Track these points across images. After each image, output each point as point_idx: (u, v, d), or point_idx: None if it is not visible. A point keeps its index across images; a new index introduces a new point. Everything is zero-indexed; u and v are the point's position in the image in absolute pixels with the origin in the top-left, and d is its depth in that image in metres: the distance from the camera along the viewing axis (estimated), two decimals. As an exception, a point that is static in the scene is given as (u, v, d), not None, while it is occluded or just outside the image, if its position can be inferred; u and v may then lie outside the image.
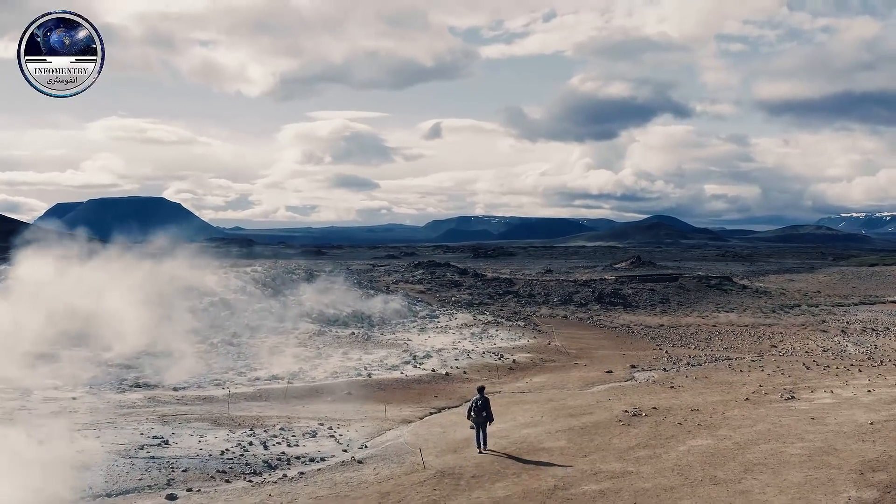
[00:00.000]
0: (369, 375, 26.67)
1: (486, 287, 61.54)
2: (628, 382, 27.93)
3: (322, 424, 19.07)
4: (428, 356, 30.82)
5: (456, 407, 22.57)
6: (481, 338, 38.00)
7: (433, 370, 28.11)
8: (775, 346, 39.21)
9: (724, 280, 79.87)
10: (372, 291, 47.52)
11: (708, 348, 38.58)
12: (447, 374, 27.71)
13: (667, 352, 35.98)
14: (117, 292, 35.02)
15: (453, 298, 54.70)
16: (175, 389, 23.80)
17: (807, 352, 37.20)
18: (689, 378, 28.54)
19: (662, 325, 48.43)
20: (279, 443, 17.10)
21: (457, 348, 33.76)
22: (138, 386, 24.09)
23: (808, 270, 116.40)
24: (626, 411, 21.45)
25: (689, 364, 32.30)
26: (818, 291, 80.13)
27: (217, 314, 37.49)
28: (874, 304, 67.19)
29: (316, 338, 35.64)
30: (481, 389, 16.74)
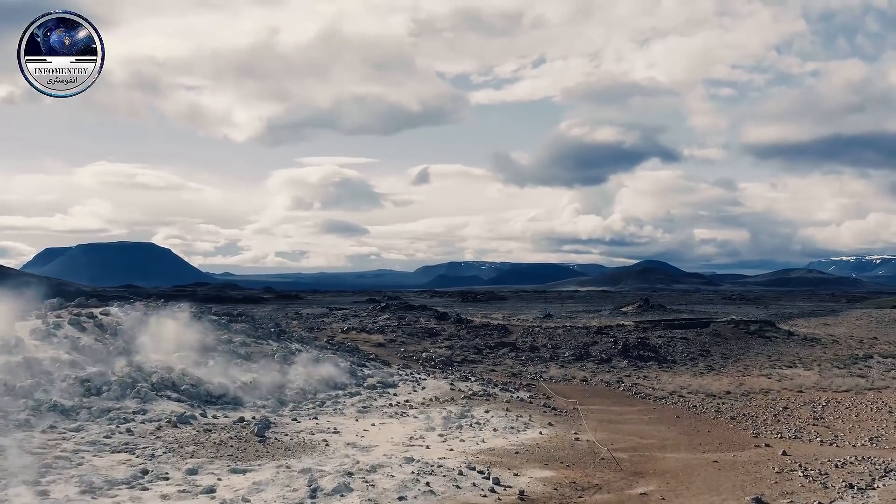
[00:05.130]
0: (178, 564, 11.03)
1: (472, 337, 46.01)
2: (784, 558, 12.52)
3: None
4: (346, 486, 15.11)
5: None
6: (460, 427, 22.35)
7: (345, 533, 12.51)
8: (943, 434, 23.98)
9: (764, 325, 65.47)
10: (297, 346, 31.43)
11: (838, 440, 23.25)
12: (373, 548, 12.10)
13: (784, 452, 20.57)
14: None
15: (424, 354, 39.04)
16: None
17: None
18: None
19: (729, 393, 33.06)
20: None
21: (412, 457, 18.09)
22: None
23: (832, 314, 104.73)
24: None
25: (853, 486, 16.97)
26: (874, 338, 65.97)
27: (11, 384, 21.78)
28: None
29: (167, 431, 19.97)
30: None
